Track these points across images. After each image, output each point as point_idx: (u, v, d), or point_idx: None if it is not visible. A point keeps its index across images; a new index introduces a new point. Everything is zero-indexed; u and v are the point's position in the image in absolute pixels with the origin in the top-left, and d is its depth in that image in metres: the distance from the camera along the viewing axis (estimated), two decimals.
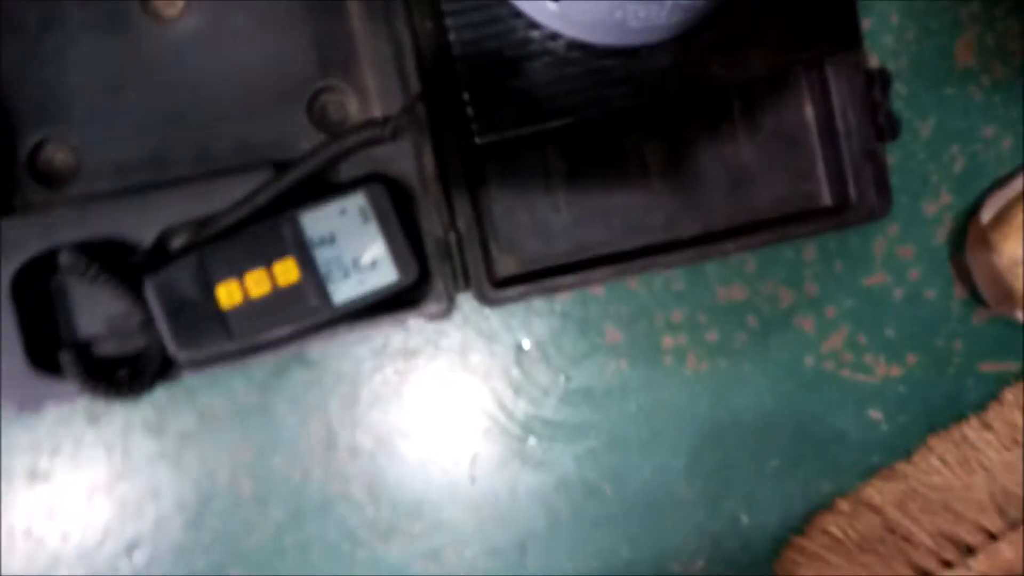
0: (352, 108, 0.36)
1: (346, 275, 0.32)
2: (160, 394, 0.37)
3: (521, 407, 0.38)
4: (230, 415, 0.37)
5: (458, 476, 0.38)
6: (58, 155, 0.35)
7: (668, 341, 0.38)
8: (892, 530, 0.38)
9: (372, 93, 0.35)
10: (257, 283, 0.31)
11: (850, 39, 0.36)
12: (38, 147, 0.34)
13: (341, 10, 0.35)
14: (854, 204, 0.37)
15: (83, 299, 0.35)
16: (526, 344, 0.38)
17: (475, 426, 0.38)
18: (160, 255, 0.33)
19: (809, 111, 0.38)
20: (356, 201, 0.32)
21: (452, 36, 0.32)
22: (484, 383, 0.38)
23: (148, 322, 0.32)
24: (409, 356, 0.38)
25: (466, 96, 0.33)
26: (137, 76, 0.35)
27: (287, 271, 0.32)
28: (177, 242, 0.34)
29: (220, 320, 0.31)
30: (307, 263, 0.32)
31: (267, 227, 0.31)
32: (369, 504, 0.38)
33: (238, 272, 0.31)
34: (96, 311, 0.35)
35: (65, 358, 0.30)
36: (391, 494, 0.37)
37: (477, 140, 0.33)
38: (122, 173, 0.34)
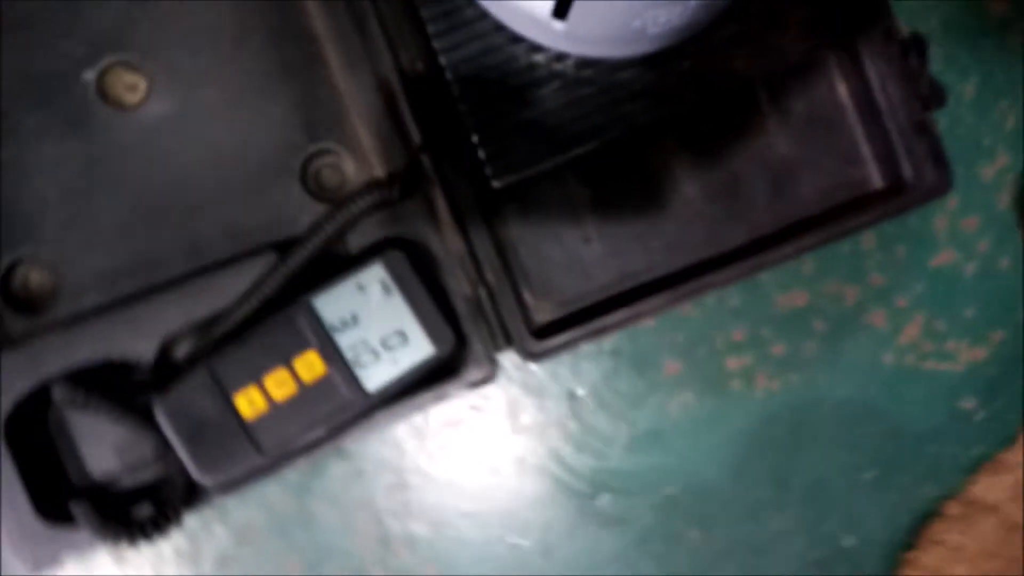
0: (349, 170, 0.33)
1: (376, 358, 0.29)
2: (189, 518, 0.33)
3: (585, 462, 0.35)
4: (270, 528, 0.33)
5: (529, 550, 0.34)
6: (33, 276, 0.31)
7: (732, 363, 0.35)
8: (1012, 528, 0.35)
9: (368, 150, 0.32)
10: (279, 385, 0.28)
11: (879, 9, 0.33)
12: (9, 271, 0.30)
13: (319, 66, 0.32)
14: (911, 183, 0.33)
15: (87, 431, 0.31)
16: (579, 392, 0.35)
17: (538, 491, 0.34)
18: (165, 369, 0.30)
19: (842, 90, 0.35)
20: (374, 274, 0.29)
21: (448, 74, 0.29)
22: (540, 442, 0.34)
23: (165, 448, 0.29)
24: (453, 427, 0.35)
25: (475, 138, 0.29)
26: (107, 174, 0.31)
27: (310, 365, 0.29)
28: (182, 351, 0.30)
29: (245, 434, 0.27)
30: (331, 353, 0.28)
31: (280, 320, 0.28)
32: None
33: (256, 376, 0.28)
34: (103, 442, 0.31)
35: (77, 509, 0.27)
36: None
37: (494, 184, 0.30)
38: (107, 284, 0.31)
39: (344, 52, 0.31)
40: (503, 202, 0.34)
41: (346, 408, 0.28)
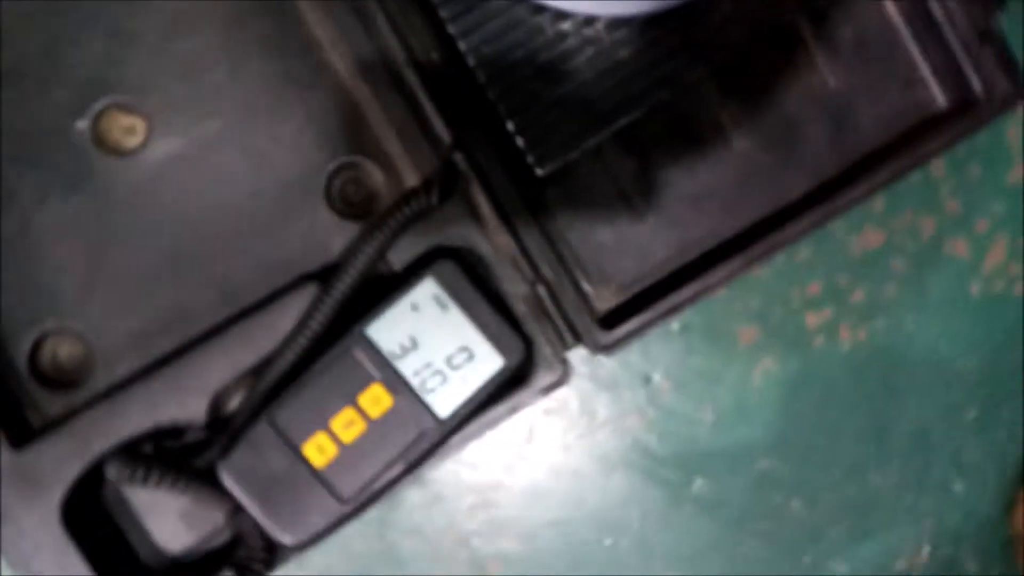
0: (376, 181, 0.30)
1: (444, 380, 0.27)
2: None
3: (671, 449, 0.33)
4: (353, 571, 0.32)
5: (627, 549, 0.32)
6: (61, 350, 0.29)
7: (812, 319, 0.33)
8: None
9: (394, 157, 0.29)
10: (347, 426, 0.26)
11: None
12: (36, 349, 0.28)
13: (326, 75, 0.29)
14: (980, 97, 0.31)
15: (147, 505, 0.29)
16: (654, 377, 0.33)
17: (626, 487, 0.32)
18: (219, 425, 0.28)
19: (891, 8, 0.32)
20: (426, 290, 0.27)
21: (471, 60, 0.27)
22: (621, 436, 0.32)
23: (236, 511, 0.27)
24: (529, 437, 0.33)
25: (511, 126, 0.27)
26: (120, 227, 0.28)
27: (376, 400, 0.26)
28: (233, 404, 0.29)
29: (321, 484, 0.25)
30: (395, 383, 0.26)
31: (335, 356, 0.26)
32: None
33: (321, 421, 0.25)
34: (167, 514, 0.29)
35: None
36: None
37: (539, 172, 0.27)
38: (142, 345, 0.28)
39: (352, 55, 0.28)
40: (545, 190, 0.32)
41: (421, 439, 0.26)
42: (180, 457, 0.28)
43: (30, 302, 0.28)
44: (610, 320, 0.31)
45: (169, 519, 0.29)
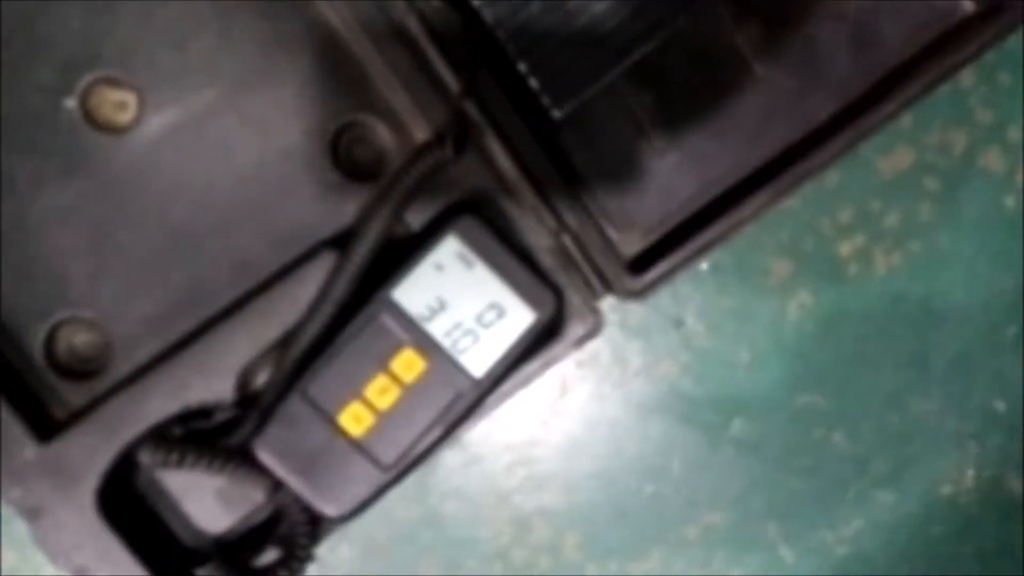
0: (384, 139, 0.29)
1: (475, 339, 0.26)
2: None
3: (708, 391, 0.32)
4: (396, 537, 0.31)
5: (670, 495, 0.32)
6: (78, 339, 0.28)
7: (846, 248, 0.32)
8: None
9: (401, 112, 0.28)
10: (381, 393, 0.25)
11: None
12: (51, 340, 0.27)
13: (322, 30, 0.27)
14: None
15: (182, 486, 0.29)
16: (686, 319, 0.32)
17: (665, 433, 0.32)
18: (248, 403, 0.28)
19: None
20: (449, 248, 0.26)
21: (476, 1, 0.25)
22: (656, 383, 0.31)
23: (276, 487, 0.26)
24: (562, 390, 0.32)
25: (523, 67, 0.25)
26: (122, 208, 0.27)
27: (409, 364, 0.25)
28: (260, 379, 0.28)
29: (360, 452, 0.24)
30: (427, 345, 0.25)
31: (362, 323, 0.25)
32: (590, 562, 0.33)
33: (355, 390, 0.25)
34: (204, 495, 0.28)
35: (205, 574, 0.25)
36: (608, 542, 0.32)
37: (555, 115, 0.26)
38: (160, 328, 0.27)
39: (347, 7, 0.26)
40: (560, 135, 0.30)
41: (457, 400, 0.26)
42: (212, 437, 0.28)
43: (39, 293, 0.27)
44: (638, 264, 0.29)
45: (207, 500, 0.28)
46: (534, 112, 0.28)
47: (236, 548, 0.28)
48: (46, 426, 0.27)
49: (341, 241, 0.28)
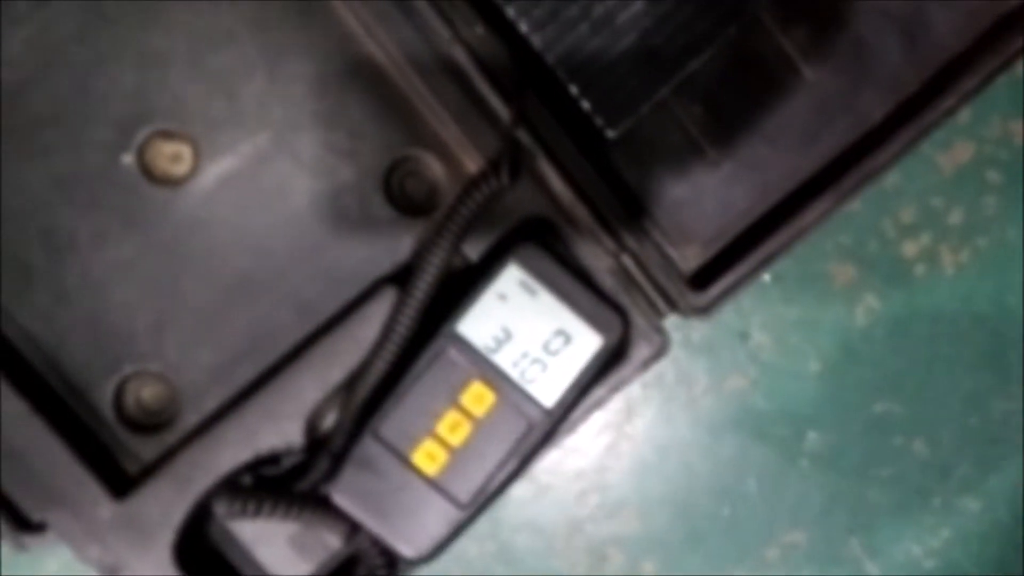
0: (436, 172, 0.29)
1: (544, 367, 0.25)
2: None
3: (779, 405, 0.31)
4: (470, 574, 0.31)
5: (747, 515, 0.31)
6: (144, 393, 0.28)
7: (910, 248, 0.31)
8: None
9: (451, 143, 0.28)
10: (453, 428, 0.25)
11: None
12: (119, 395, 0.27)
13: (367, 68, 0.27)
14: None
15: (254, 535, 0.28)
16: (751, 333, 0.31)
17: (737, 451, 0.31)
18: (316, 446, 0.28)
19: None
20: (511, 277, 0.25)
21: (523, 26, 0.25)
22: (724, 400, 0.31)
23: (352, 530, 0.26)
24: (628, 414, 0.31)
25: (574, 90, 0.25)
26: (183, 259, 0.27)
27: (478, 398, 0.25)
28: (328, 421, 0.28)
29: (437, 491, 0.24)
30: (495, 378, 0.25)
31: (429, 360, 0.25)
32: None
33: (426, 427, 0.24)
34: (276, 542, 0.28)
35: None
36: (687, 568, 0.31)
37: (609, 134, 0.26)
38: (225, 376, 0.27)
39: (392, 42, 0.27)
40: (611, 154, 0.30)
41: (530, 431, 0.25)
42: (280, 483, 0.28)
43: (105, 349, 0.28)
44: (700, 280, 0.29)
45: (279, 549, 0.28)
46: (583, 133, 0.28)
47: None
48: (119, 482, 0.27)
49: (399, 277, 0.28)
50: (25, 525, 0.26)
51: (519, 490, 0.31)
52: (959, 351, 0.31)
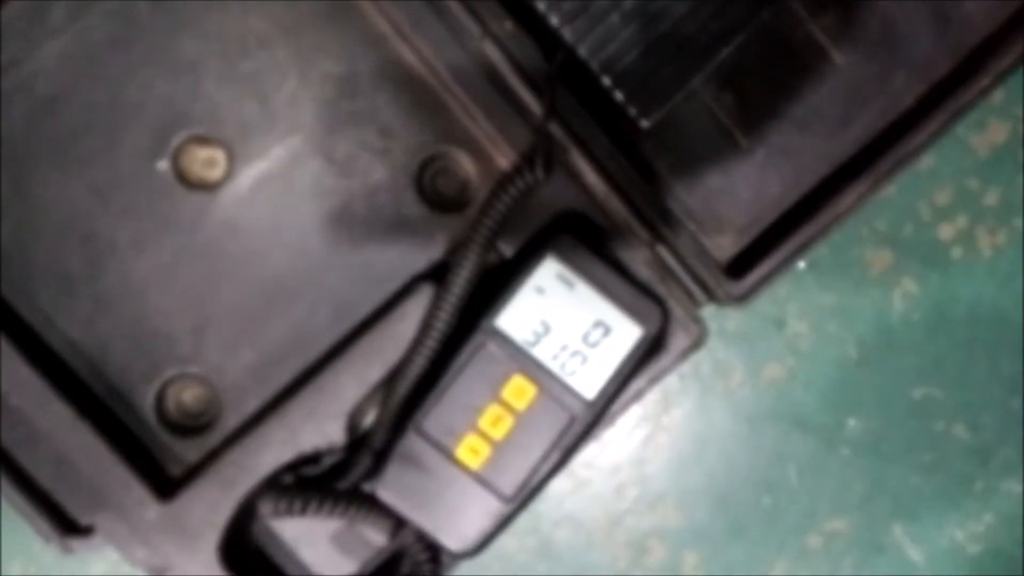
0: (467, 169, 0.29)
1: (584, 360, 0.25)
2: None
3: (817, 393, 0.31)
4: (512, 573, 0.31)
5: (790, 503, 0.30)
6: (185, 396, 0.28)
7: (946, 231, 0.31)
8: None
9: (481, 141, 0.28)
10: (495, 423, 0.25)
11: None
12: (160, 399, 0.28)
13: (398, 68, 0.27)
14: None
15: (297, 535, 0.28)
16: (787, 321, 0.31)
17: (777, 441, 0.31)
18: (357, 443, 0.28)
19: None
20: (548, 270, 0.25)
21: (553, 19, 0.25)
22: (762, 389, 0.30)
23: (396, 526, 0.26)
24: (665, 406, 0.31)
25: (607, 81, 0.25)
26: (219, 263, 0.28)
27: (519, 391, 0.25)
28: (369, 419, 0.28)
29: (481, 485, 0.24)
30: (535, 371, 0.24)
31: (469, 355, 0.25)
32: None
33: (469, 422, 0.24)
34: (318, 541, 0.28)
35: None
36: (728, 559, 0.30)
37: (644, 124, 0.26)
38: (265, 377, 0.27)
39: (423, 41, 0.27)
40: (642, 145, 0.30)
41: (572, 424, 0.25)
42: (321, 482, 0.28)
43: (146, 353, 0.28)
44: (736, 268, 0.29)
45: (323, 548, 0.28)
46: (614, 124, 0.28)
47: None
48: (163, 484, 0.27)
49: (434, 274, 0.28)
50: (72, 529, 0.27)
51: (558, 485, 0.31)
52: (999, 334, 0.31)
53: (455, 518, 0.24)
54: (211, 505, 0.26)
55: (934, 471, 0.31)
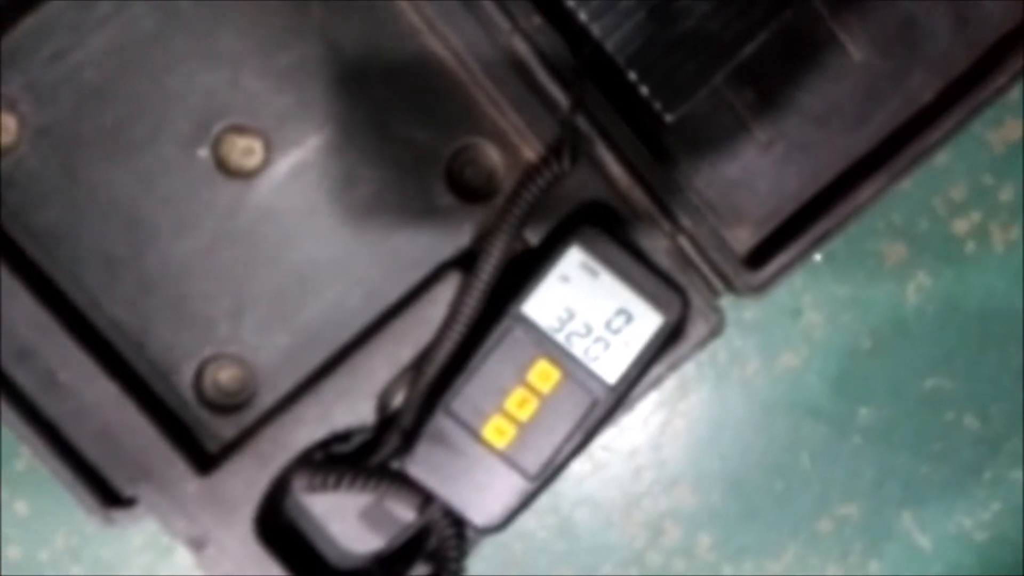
0: (494, 160, 0.30)
1: (606, 346, 0.26)
2: None
3: (830, 382, 0.32)
4: (531, 551, 0.32)
5: (801, 489, 0.31)
6: (222, 375, 0.29)
7: (960, 225, 0.31)
8: None
9: (508, 132, 0.29)
10: (520, 404, 0.26)
11: None
12: (198, 378, 0.29)
13: (429, 60, 0.28)
14: None
15: (326, 510, 0.29)
16: (802, 311, 0.32)
17: (790, 429, 0.31)
18: (389, 422, 0.29)
19: None
20: (573, 259, 0.26)
21: (583, 15, 0.26)
22: (777, 376, 0.31)
23: (425, 503, 0.27)
24: (683, 392, 0.32)
25: (632, 76, 0.26)
26: (256, 246, 0.29)
27: (544, 375, 0.26)
28: (399, 399, 0.29)
29: (507, 464, 0.25)
30: (559, 356, 0.26)
31: (496, 340, 0.26)
32: (724, 562, 0.33)
33: (496, 403, 0.25)
34: (347, 516, 0.29)
35: None
36: (741, 542, 0.31)
37: (668, 118, 0.26)
38: (299, 357, 0.29)
39: (454, 35, 0.27)
40: (664, 138, 0.31)
41: (594, 407, 0.26)
42: (350, 459, 0.29)
43: (185, 334, 0.29)
44: (754, 259, 0.30)
45: (351, 523, 0.29)
46: (638, 118, 0.28)
47: (385, 567, 0.30)
48: (202, 459, 0.29)
49: (461, 261, 0.29)
50: (115, 500, 0.29)
51: (577, 467, 0.32)
52: (1010, 327, 0.32)
53: (481, 495, 0.25)
54: (247, 480, 0.28)
55: (943, 460, 0.32)
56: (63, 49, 0.28)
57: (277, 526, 0.29)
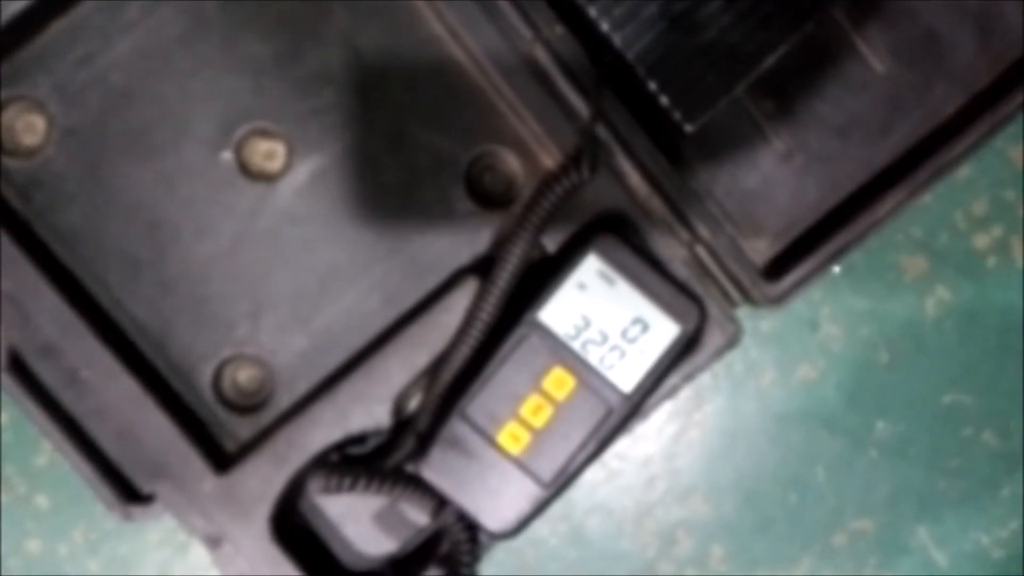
0: (513, 167, 0.30)
1: (622, 354, 0.26)
2: None
3: (848, 394, 0.31)
4: (543, 558, 0.32)
5: (816, 503, 0.31)
6: (240, 376, 0.30)
7: (980, 240, 0.31)
8: None
9: (528, 140, 0.29)
10: (535, 411, 0.26)
11: None
12: (217, 378, 0.29)
13: (450, 67, 0.28)
14: None
15: (340, 512, 0.30)
16: (820, 323, 0.32)
17: (805, 441, 0.31)
18: (404, 426, 0.29)
19: None
20: (590, 267, 0.26)
21: (604, 25, 0.26)
22: (793, 389, 0.31)
23: (439, 507, 0.27)
24: (698, 402, 0.32)
25: (653, 86, 0.26)
26: (276, 249, 0.29)
27: (559, 383, 0.26)
28: (414, 403, 0.29)
29: (521, 470, 0.25)
30: (575, 364, 0.26)
31: (512, 347, 0.26)
32: (736, 573, 0.33)
33: (511, 409, 0.25)
34: (361, 518, 0.30)
35: None
36: (754, 553, 0.31)
37: (687, 129, 0.27)
38: (316, 360, 0.29)
39: (476, 43, 0.28)
40: (682, 147, 0.31)
41: (609, 416, 0.26)
42: (365, 461, 0.29)
43: (205, 334, 0.29)
44: (772, 270, 0.30)
45: (365, 526, 0.30)
46: (657, 127, 0.28)
47: (398, 570, 0.30)
48: (220, 458, 0.29)
49: (479, 268, 0.29)
50: (134, 497, 0.29)
51: (590, 474, 0.32)
52: None
53: (495, 500, 0.25)
54: (264, 479, 0.28)
55: (961, 476, 0.32)
56: (91, 52, 0.29)
57: (292, 526, 0.29)
